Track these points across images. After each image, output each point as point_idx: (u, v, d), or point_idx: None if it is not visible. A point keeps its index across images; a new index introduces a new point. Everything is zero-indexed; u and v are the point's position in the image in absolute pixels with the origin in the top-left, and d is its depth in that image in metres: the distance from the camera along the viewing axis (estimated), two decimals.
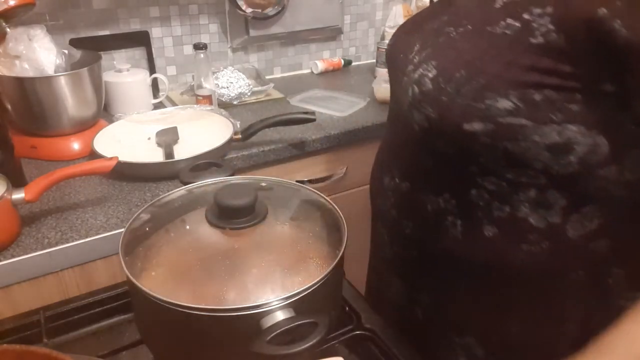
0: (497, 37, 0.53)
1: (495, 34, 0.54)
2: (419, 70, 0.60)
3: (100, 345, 0.62)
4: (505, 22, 0.53)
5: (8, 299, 0.83)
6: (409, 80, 0.62)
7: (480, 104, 0.53)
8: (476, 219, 0.61)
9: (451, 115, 0.56)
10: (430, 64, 0.59)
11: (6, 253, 0.82)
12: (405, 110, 0.63)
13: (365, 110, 1.41)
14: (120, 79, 1.32)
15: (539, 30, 0.50)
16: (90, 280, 0.89)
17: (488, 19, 0.55)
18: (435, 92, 0.57)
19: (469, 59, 0.55)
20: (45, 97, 1.07)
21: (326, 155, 1.32)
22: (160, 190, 1.00)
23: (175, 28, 1.51)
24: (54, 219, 0.91)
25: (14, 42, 1.08)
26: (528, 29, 0.51)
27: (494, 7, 0.55)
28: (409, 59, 0.64)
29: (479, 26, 0.56)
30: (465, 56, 0.55)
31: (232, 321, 0.47)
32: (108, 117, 1.30)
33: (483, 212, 0.60)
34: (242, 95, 1.44)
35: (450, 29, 0.59)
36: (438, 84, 0.57)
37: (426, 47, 0.62)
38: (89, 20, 1.38)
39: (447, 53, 0.58)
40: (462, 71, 0.55)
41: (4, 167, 0.90)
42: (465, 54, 0.56)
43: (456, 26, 0.59)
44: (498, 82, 0.52)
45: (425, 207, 0.64)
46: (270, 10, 1.60)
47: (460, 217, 0.62)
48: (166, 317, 0.48)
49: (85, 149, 1.13)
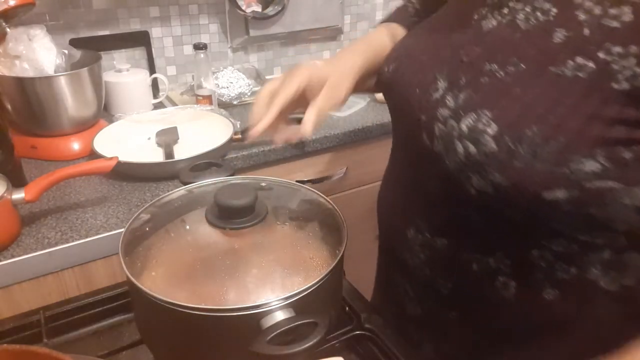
0: (568, 81, 0.44)
1: (563, 77, 0.44)
2: (466, 122, 0.49)
3: (100, 345, 0.62)
4: (574, 62, 0.44)
5: (8, 299, 0.83)
6: (448, 131, 0.51)
7: (564, 169, 0.44)
8: (534, 280, 0.53)
9: (529, 184, 0.46)
10: (484, 116, 0.47)
11: (6, 253, 0.82)
12: (449, 167, 0.52)
13: (365, 110, 1.41)
14: (120, 79, 1.32)
15: (622, 74, 0.42)
16: (90, 280, 0.89)
17: (548, 56, 0.46)
18: (503, 155, 0.46)
19: (540, 112, 0.45)
20: (45, 97, 1.07)
21: (326, 155, 1.32)
22: (160, 190, 1.00)
23: (175, 28, 1.51)
24: (54, 219, 0.91)
25: (14, 42, 1.08)
26: (607, 71, 0.43)
27: (553, 42, 0.46)
28: (433, 99, 0.53)
29: (538, 66, 0.46)
30: (534, 108, 0.45)
31: (232, 321, 0.47)
32: (108, 117, 1.30)
33: (544, 274, 0.52)
34: (242, 95, 1.44)
35: (494, 67, 0.49)
36: (505, 145, 0.46)
37: (460, 87, 0.51)
38: (89, 20, 1.38)
39: (503, 102, 0.47)
40: (535, 128, 0.45)
41: (4, 167, 0.90)
42: (531, 104, 0.45)
43: (502, 64, 0.48)
44: (581, 141, 0.43)
45: (469, 266, 0.56)
46: (270, 10, 1.60)
47: (514, 278, 0.54)
48: (166, 317, 0.48)
49: (85, 149, 1.13)
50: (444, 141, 0.51)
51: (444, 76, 0.54)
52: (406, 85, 0.59)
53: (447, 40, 0.56)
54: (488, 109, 0.47)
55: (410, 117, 0.57)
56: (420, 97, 0.55)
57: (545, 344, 0.57)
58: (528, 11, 0.49)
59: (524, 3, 0.50)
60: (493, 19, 0.52)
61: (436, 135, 0.52)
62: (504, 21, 0.51)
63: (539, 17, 0.48)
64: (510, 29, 0.50)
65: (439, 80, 0.54)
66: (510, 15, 0.51)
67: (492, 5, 0.53)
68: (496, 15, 0.52)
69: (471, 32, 0.54)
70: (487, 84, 0.49)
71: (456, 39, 0.55)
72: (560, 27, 0.46)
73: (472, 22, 0.54)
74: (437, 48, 0.57)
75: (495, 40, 0.51)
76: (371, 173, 1.42)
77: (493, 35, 0.51)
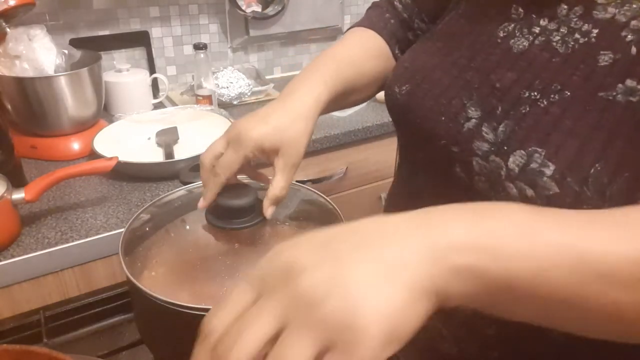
0: (620, 107, 0.40)
1: (615, 102, 0.40)
2: (515, 160, 0.44)
3: (100, 345, 0.62)
4: (624, 85, 0.40)
5: (8, 299, 0.83)
6: (493, 169, 0.45)
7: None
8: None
9: None
10: (536, 154, 0.42)
11: (6, 253, 0.82)
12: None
13: (365, 110, 1.41)
14: (120, 79, 1.32)
15: None
16: (90, 280, 0.89)
17: (595, 82, 0.42)
18: (569, 199, 0.41)
19: (598, 146, 0.40)
20: (45, 97, 1.07)
21: (326, 155, 1.32)
22: (160, 190, 1.00)
23: (175, 28, 1.51)
24: (54, 219, 0.91)
25: (14, 42, 1.08)
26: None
27: (599, 66, 0.42)
28: (465, 129, 0.48)
29: (585, 93, 0.42)
30: (591, 142, 0.41)
31: None
32: (108, 117, 1.30)
33: None
34: (242, 95, 1.44)
35: (535, 95, 0.44)
36: (569, 187, 0.41)
37: (497, 117, 0.46)
38: (89, 20, 1.38)
39: (555, 136, 0.42)
40: (597, 165, 0.40)
41: (4, 167, 0.90)
42: (588, 138, 0.41)
43: (543, 92, 0.44)
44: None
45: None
46: (270, 10, 1.60)
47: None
48: (166, 317, 0.48)
49: (85, 149, 1.13)
50: (490, 181, 0.46)
51: (475, 104, 0.48)
52: (427, 111, 0.53)
53: (470, 60, 0.51)
54: (539, 146, 0.43)
55: (436, 148, 0.52)
56: (448, 127, 0.50)
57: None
58: (564, 32, 0.45)
59: (558, 23, 0.46)
60: (523, 38, 0.48)
61: (476, 171, 0.47)
62: (536, 42, 0.47)
63: (578, 40, 0.44)
64: (547, 53, 0.45)
65: (469, 108, 0.49)
66: (544, 36, 0.46)
67: (519, 21, 0.49)
68: (526, 35, 0.48)
69: (499, 53, 0.49)
70: (529, 115, 0.44)
71: (482, 60, 0.50)
72: (605, 49, 0.42)
73: (499, 40, 0.50)
74: (459, 70, 0.51)
75: (531, 64, 0.46)
76: (371, 173, 1.42)
77: (527, 58, 0.46)
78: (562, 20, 0.46)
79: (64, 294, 0.87)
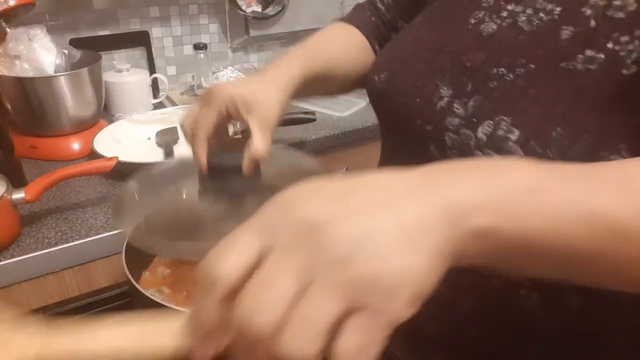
0: (581, 75, 0.43)
1: (576, 71, 0.43)
2: (483, 129, 0.47)
3: None
4: (583, 55, 0.43)
5: (8, 299, 0.83)
6: (464, 141, 0.48)
7: None
8: (557, 289, 0.51)
9: None
10: (502, 122, 0.46)
11: (6, 253, 0.82)
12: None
13: (365, 110, 1.41)
14: (120, 79, 1.32)
15: (630, 58, 0.41)
16: (90, 280, 0.89)
17: (557, 53, 0.45)
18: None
19: (561, 111, 0.43)
20: (45, 97, 1.07)
21: (326, 155, 1.32)
22: None
23: (175, 28, 1.51)
24: (54, 219, 0.91)
25: (14, 42, 1.08)
26: (617, 60, 0.42)
27: (561, 39, 0.45)
28: (438, 108, 0.51)
29: (549, 64, 0.45)
30: (554, 108, 0.44)
31: None
32: (108, 117, 1.30)
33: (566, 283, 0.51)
34: None
35: (502, 71, 0.47)
36: (533, 150, 0.44)
37: (467, 93, 0.49)
38: (89, 20, 1.38)
39: (520, 105, 0.45)
40: (559, 129, 0.43)
41: (4, 167, 0.90)
42: (551, 104, 0.44)
43: (510, 67, 0.47)
44: (605, 137, 0.42)
45: (489, 282, 0.54)
46: (270, 10, 1.60)
47: (536, 289, 0.53)
48: None
49: (85, 149, 1.13)
50: (460, 151, 0.48)
51: (447, 84, 0.51)
52: (403, 94, 0.56)
53: (443, 46, 0.54)
54: (505, 115, 0.46)
55: (412, 128, 0.54)
56: (423, 107, 0.53)
57: (567, 353, 0.55)
58: (530, 13, 0.48)
59: (524, 5, 0.49)
60: (492, 22, 0.51)
61: (448, 145, 0.50)
62: (504, 24, 0.50)
63: (542, 18, 0.47)
64: (513, 32, 0.48)
65: (442, 88, 0.52)
66: (511, 19, 0.49)
67: (489, 9, 0.52)
68: (495, 19, 0.51)
69: (470, 37, 0.52)
70: (497, 89, 0.47)
71: (454, 45, 0.53)
72: (566, 24, 0.45)
73: (469, 26, 0.53)
74: (433, 55, 0.55)
75: (499, 43, 0.49)
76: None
77: (495, 39, 0.50)
78: (527, 3, 0.49)
79: (64, 294, 0.87)
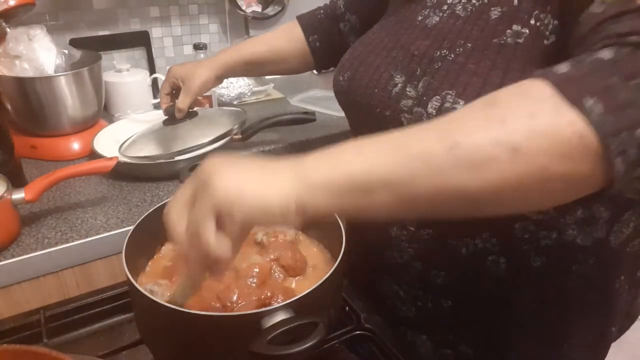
0: (511, 48, 0.50)
1: (506, 45, 0.50)
2: (432, 105, 0.53)
3: (100, 345, 0.62)
4: (511, 30, 0.50)
5: (8, 299, 0.83)
6: (416, 118, 0.55)
7: None
8: (522, 252, 0.57)
9: None
10: (448, 95, 0.52)
11: (6, 253, 0.82)
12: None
13: None
14: (120, 79, 1.32)
15: (548, 30, 0.49)
16: (90, 280, 0.89)
17: (489, 32, 0.52)
18: None
19: (496, 81, 0.50)
20: (45, 97, 1.07)
21: None
22: (160, 190, 1.00)
23: (175, 28, 1.51)
24: (54, 219, 0.91)
25: (14, 42, 1.08)
26: (539, 33, 0.49)
27: (491, 19, 0.52)
28: (394, 94, 0.57)
29: (483, 41, 0.52)
30: (491, 78, 0.51)
31: (233, 321, 0.47)
32: (108, 117, 1.30)
33: (529, 244, 0.57)
34: (242, 95, 1.44)
35: (444, 52, 0.54)
36: None
37: (417, 76, 0.56)
38: (89, 20, 1.38)
39: (462, 79, 0.52)
40: None
41: (4, 167, 0.90)
42: (487, 75, 0.51)
43: (450, 48, 0.54)
44: None
45: (459, 251, 0.60)
46: (270, 10, 1.60)
47: (503, 254, 0.58)
48: (166, 318, 0.48)
49: (85, 149, 1.13)
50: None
51: (400, 72, 0.58)
52: (364, 88, 0.62)
53: (396, 43, 0.61)
54: (450, 89, 0.52)
55: (374, 117, 0.60)
56: (381, 95, 0.59)
57: (539, 313, 0.61)
58: (464, 2, 0.55)
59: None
60: (435, 15, 0.58)
61: (405, 125, 0.56)
62: (445, 15, 0.57)
63: (475, 4, 0.54)
64: (452, 19, 0.55)
65: (395, 76, 0.58)
66: (450, 9, 0.56)
67: (432, 6, 0.59)
68: (438, 13, 0.58)
69: (417, 30, 0.59)
70: (441, 68, 0.54)
71: (405, 40, 0.60)
72: (494, 5, 0.52)
73: (417, 22, 0.59)
74: (388, 50, 0.62)
75: (440, 31, 0.56)
76: None
77: (438, 28, 0.57)
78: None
79: (64, 294, 0.87)
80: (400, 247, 0.64)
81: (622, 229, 0.57)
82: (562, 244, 0.56)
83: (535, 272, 0.58)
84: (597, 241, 0.57)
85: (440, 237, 0.61)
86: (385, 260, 0.67)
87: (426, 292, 0.65)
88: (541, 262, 0.58)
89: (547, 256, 0.57)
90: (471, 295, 0.63)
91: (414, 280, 0.66)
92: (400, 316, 0.69)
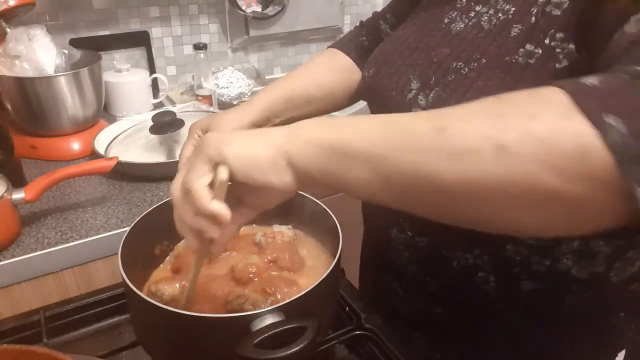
0: (520, 68, 0.49)
1: (516, 64, 0.49)
2: None
3: (100, 345, 0.62)
4: (524, 49, 0.49)
5: (8, 299, 0.83)
6: None
7: None
8: (512, 274, 0.56)
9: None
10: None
11: (6, 253, 0.82)
12: None
13: (365, 110, 1.41)
14: (120, 79, 1.32)
15: (562, 54, 0.47)
16: (90, 280, 0.89)
17: (504, 49, 0.50)
18: None
19: None
20: (45, 97, 1.07)
21: None
22: (160, 190, 1.00)
23: (175, 28, 1.51)
24: (54, 219, 0.91)
25: (14, 42, 1.08)
26: (552, 55, 0.47)
27: (510, 36, 0.50)
28: (407, 100, 0.57)
29: (496, 59, 0.50)
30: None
31: (223, 323, 0.46)
32: (108, 117, 1.30)
33: (520, 267, 0.56)
34: (242, 95, 1.44)
35: (460, 65, 0.53)
36: None
37: (430, 85, 0.55)
38: (89, 20, 1.38)
39: (468, 96, 0.51)
40: None
41: (4, 167, 0.90)
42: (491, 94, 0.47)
43: (466, 61, 0.53)
44: None
45: (450, 263, 0.59)
46: (270, 10, 1.60)
47: (493, 273, 0.57)
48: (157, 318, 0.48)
49: (85, 149, 1.13)
50: None
51: (417, 77, 0.58)
52: (384, 88, 0.62)
53: (419, 43, 0.60)
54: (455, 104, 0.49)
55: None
56: (397, 99, 0.59)
57: (526, 333, 0.60)
58: (491, 13, 0.53)
59: (488, 6, 0.54)
60: (461, 22, 0.56)
61: None
62: (470, 23, 0.55)
63: (500, 17, 0.52)
64: (475, 30, 0.54)
65: (412, 81, 0.58)
66: (476, 18, 0.55)
67: (461, 9, 0.57)
68: (464, 19, 0.56)
69: (441, 34, 0.58)
70: (453, 81, 0.53)
71: (428, 42, 0.59)
72: (516, 22, 0.50)
73: (443, 25, 0.58)
74: (410, 51, 0.61)
75: (462, 40, 0.55)
76: None
77: (460, 36, 0.55)
78: (491, 4, 0.54)
79: (64, 294, 0.87)
80: (398, 249, 0.65)
81: (626, 267, 0.55)
82: (556, 272, 0.55)
83: (526, 296, 0.57)
84: (594, 275, 0.55)
85: (434, 246, 0.60)
86: (386, 259, 0.68)
87: (420, 296, 0.66)
88: (532, 287, 0.56)
89: (538, 282, 0.56)
90: (461, 306, 0.62)
91: (411, 282, 0.66)
92: (399, 313, 0.70)
